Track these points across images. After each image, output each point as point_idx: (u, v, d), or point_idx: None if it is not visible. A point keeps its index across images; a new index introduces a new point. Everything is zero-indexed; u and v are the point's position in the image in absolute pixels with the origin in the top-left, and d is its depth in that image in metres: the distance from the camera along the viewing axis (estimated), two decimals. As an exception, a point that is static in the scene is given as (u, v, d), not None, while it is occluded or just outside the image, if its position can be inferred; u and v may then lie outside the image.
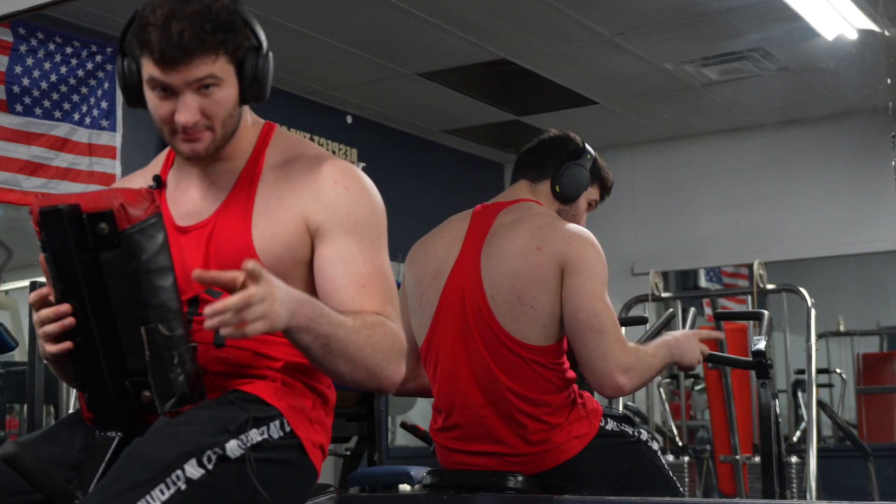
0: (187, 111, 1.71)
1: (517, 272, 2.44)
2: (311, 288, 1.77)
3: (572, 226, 2.51)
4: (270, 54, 1.80)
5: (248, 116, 1.87)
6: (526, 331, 2.43)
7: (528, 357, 2.44)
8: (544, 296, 2.42)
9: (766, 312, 3.31)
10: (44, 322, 1.62)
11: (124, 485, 1.51)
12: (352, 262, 1.74)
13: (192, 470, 1.56)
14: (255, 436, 1.66)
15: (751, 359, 3.22)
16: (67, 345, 1.62)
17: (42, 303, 1.64)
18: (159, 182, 1.86)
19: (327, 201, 1.76)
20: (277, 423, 1.71)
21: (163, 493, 1.52)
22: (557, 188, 2.63)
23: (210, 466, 1.58)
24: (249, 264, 1.50)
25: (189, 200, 1.81)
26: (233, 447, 1.62)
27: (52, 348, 1.63)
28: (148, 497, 1.50)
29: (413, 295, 2.62)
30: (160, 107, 1.73)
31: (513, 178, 2.71)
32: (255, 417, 1.67)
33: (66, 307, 1.61)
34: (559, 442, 2.45)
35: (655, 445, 2.61)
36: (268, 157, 1.84)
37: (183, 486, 1.54)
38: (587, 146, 2.71)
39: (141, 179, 1.93)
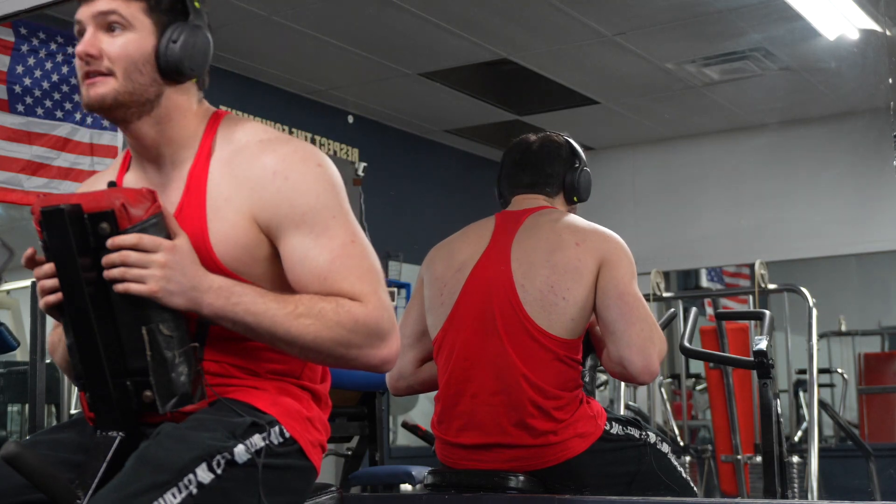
0: (84, 43, 1.72)
1: (554, 265, 2.49)
2: (282, 281, 1.74)
3: (605, 228, 2.58)
4: (203, 32, 1.76)
5: (189, 100, 1.80)
6: (554, 322, 2.47)
7: (550, 348, 2.47)
8: (578, 289, 2.47)
9: (767, 312, 3.32)
10: (39, 278, 1.68)
11: (139, 487, 1.51)
12: (307, 259, 1.70)
13: (203, 474, 1.56)
14: (258, 441, 1.66)
15: (752, 359, 3.22)
16: (57, 297, 1.66)
17: (34, 263, 1.68)
18: (113, 186, 1.77)
19: (270, 197, 1.71)
20: (277, 429, 1.70)
21: (174, 496, 1.52)
22: (576, 198, 2.72)
23: (219, 471, 1.58)
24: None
25: None
26: (240, 452, 1.62)
27: (40, 303, 1.69)
28: (161, 500, 1.50)
29: (432, 292, 2.65)
30: (77, 47, 1.75)
31: (521, 191, 2.71)
32: (257, 423, 1.67)
33: (48, 267, 1.65)
34: (563, 438, 2.46)
35: (665, 447, 2.61)
36: (215, 150, 1.77)
37: (194, 491, 1.54)
38: (574, 143, 2.78)
39: (102, 182, 1.87)
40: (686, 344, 3.48)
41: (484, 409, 2.50)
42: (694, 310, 3.48)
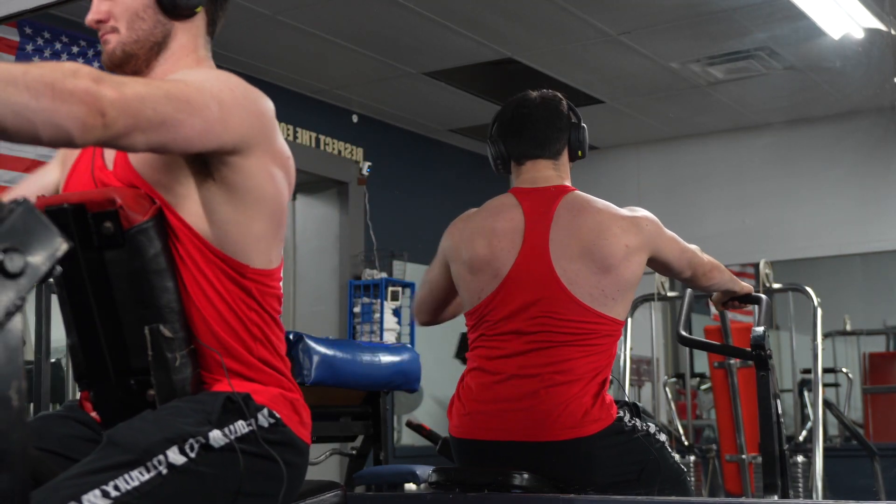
0: (90, 11, 1.77)
1: (603, 272, 2.56)
2: (214, 207, 1.67)
3: (636, 215, 2.72)
4: None
5: (195, 41, 1.82)
6: (604, 310, 2.58)
7: (597, 331, 2.55)
8: (628, 290, 2.61)
9: (764, 297, 3.24)
10: None
11: (101, 465, 1.50)
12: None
13: (175, 456, 1.54)
14: (241, 427, 1.64)
15: (750, 350, 3.14)
16: None
17: None
18: None
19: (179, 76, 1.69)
20: (265, 411, 1.68)
21: (142, 474, 1.51)
22: (580, 153, 2.75)
23: (193, 455, 1.56)
24: None
25: None
26: (216, 436, 1.60)
27: None
28: (127, 476, 1.49)
29: (463, 273, 2.69)
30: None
31: (526, 157, 2.70)
32: (237, 409, 1.64)
33: None
34: (579, 411, 2.48)
35: (663, 437, 2.63)
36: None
37: (164, 471, 1.53)
38: (561, 96, 2.79)
39: None
40: (682, 332, 3.35)
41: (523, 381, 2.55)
42: (689, 291, 3.35)
